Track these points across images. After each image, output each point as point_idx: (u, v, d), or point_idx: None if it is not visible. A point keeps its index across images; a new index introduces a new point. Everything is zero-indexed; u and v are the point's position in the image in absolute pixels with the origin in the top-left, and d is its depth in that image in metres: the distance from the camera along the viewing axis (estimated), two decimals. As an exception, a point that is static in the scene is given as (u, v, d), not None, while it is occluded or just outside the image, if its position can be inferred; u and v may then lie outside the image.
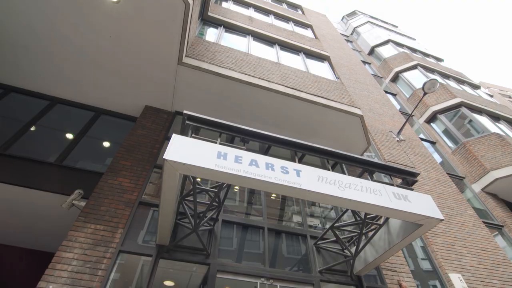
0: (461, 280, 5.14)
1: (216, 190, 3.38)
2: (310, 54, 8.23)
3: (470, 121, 10.90)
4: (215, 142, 2.94)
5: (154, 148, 5.05)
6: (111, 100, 5.91)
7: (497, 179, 8.42)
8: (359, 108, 6.22)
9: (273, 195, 5.57)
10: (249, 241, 4.46)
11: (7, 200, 4.54)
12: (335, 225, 4.19)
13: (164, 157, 2.48)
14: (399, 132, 9.08)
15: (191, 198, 3.63)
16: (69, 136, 5.45)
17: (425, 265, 5.68)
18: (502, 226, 7.69)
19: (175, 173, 2.62)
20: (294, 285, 4.04)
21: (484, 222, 7.23)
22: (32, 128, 5.37)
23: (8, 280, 6.88)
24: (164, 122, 5.69)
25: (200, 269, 3.88)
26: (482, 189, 8.65)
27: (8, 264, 6.39)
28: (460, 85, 14.09)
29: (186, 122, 3.11)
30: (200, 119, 3.15)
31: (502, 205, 8.35)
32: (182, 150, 2.60)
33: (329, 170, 3.35)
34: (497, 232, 7.56)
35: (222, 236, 4.25)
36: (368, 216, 3.70)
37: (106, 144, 5.80)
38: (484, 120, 10.92)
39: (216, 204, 3.81)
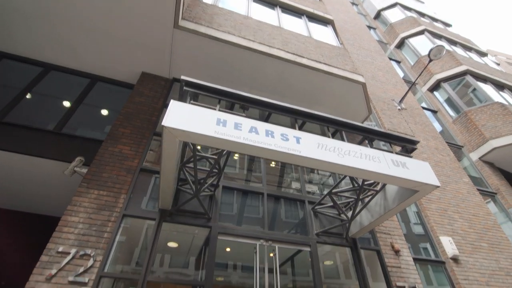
0: (451, 242, 5.40)
1: (216, 157, 3.40)
2: (313, 18, 7.82)
3: (474, 89, 10.71)
4: (214, 109, 2.89)
5: (153, 115, 5.00)
6: (107, 66, 5.72)
7: (495, 148, 8.48)
8: (361, 76, 6.06)
9: (273, 163, 5.64)
10: (249, 206, 4.60)
11: (8, 167, 4.59)
12: (333, 191, 4.28)
13: (162, 123, 2.45)
14: (401, 101, 8.95)
15: (191, 165, 3.67)
16: (66, 103, 5.37)
17: (418, 230, 5.93)
18: (496, 193, 7.89)
19: (175, 140, 2.61)
20: (292, 246, 4.25)
21: (478, 190, 7.41)
22: (28, 96, 5.27)
23: (17, 245, 7.21)
24: (162, 89, 5.57)
25: (202, 231, 4.05)
26: (480, 158, 8.75)
27: (15, 228, 6.64)
28: (467, 52, 13.62)
29: (184, 88, 3.04)
30: (198, 85, 3.07)
31: (497, 174, 8.50)
32: (180, 116, 2.57)
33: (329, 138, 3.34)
34: (490, 199, 7.79)
35: (223, 202, 4.37)
36: (365, 183, 3.78)
37: (104, 112, 5.73)
38: (488, 89, 10.72)
39: (216, 170, 3.86)
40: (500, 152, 8.54)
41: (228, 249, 4.43)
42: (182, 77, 3.02)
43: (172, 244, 4.55)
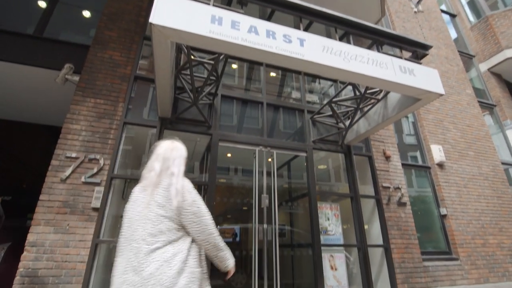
0: (440, 150, 5.69)
1: (213, 63, 3.19)
2: None
3: (505, -11, 9.38)
4: (208, 3, 2.53)
5: (139, 16, 4.48)
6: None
7: (508, 58, 8.00)
8: (379, -34, 5.16)
9: (272, 73, 5.39)
10: (248, 117, 4.61)
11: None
12: (333, 100, 4.22)
13: (150, 20, 2.17)
14: (419, 2, 7.94)
15: (188, 72, 3.48)
16: (41, 3, 4.74)
17: (410, 139, 6.16)
18: (495, 105, 7.89)
19: (166, 40, 2.37)
20: (289, 152, 4.48)
21: (479, 101, 7.36)
22: (-7, -7, 4.60)
23: (21, 153, 7.57)
24: (146, -16, 4.81)
25: (204, 139, 4.18)
26: (489, 69, 8.38)
27: (17, 138, 6.84)
28: None
29: (171, -24, 2.57)
30: (187, -28, 2.59)
31: (502, 85, 8.30)
32: (169, 12, 2.25)
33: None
34: (488, 112, 7.83)
35: (223, 112, 4.35)
36: (368, 91, 3.68)
37: (86, 13, 5.12)
38: (521, -12, 9.38)
39: (214, 78, 3.69)
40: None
41: (229, 155, 4.69)
42: (168, -38, 2.52)
43: (175, 151, 4.77)
